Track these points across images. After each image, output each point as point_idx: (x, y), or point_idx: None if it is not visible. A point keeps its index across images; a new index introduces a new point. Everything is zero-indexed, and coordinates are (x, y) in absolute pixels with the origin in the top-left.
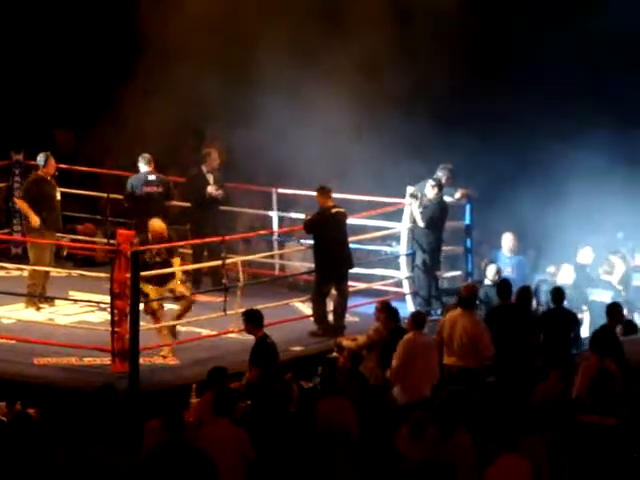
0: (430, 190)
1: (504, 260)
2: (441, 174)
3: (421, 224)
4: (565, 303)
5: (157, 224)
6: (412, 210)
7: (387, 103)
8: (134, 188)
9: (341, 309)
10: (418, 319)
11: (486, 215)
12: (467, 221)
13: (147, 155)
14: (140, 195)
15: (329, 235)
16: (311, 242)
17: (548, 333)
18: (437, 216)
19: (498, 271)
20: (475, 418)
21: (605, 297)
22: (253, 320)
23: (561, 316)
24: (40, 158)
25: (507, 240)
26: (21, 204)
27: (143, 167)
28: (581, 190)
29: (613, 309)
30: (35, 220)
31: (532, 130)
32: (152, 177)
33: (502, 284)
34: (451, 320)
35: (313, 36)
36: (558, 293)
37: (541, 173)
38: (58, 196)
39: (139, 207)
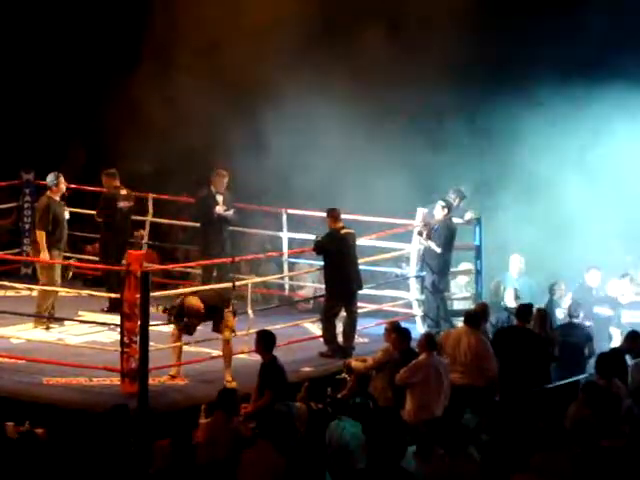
0: (439, 211)
1: (512, 282)
2: (453, 196)
3: (437, 250)
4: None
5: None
6: (422, 243)
7: (393, 123)
8: (109, 203)
9: (350, 330)
10: (431, 340)
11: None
12: (476, 242)
13: (113, 170)
14: (114, 210)
15: (339, 256)
16: (321, 263)
17: (563, 348)
18: (447, 237)
19: (517, 295)
20: (484, 437)
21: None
22: (265, 342)
23: (575, 330)
24: (51, 179)
25: (515, 262)
26: (40, 237)
27: (113, 183)
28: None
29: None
30: (46, 256)
31: (537, 150)
32: (124, 192)
33: (524, 308)
34: (455, 337)
35: (317, 57)
36: (572, 307)
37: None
38: (67, 215)
39: (113, 223)
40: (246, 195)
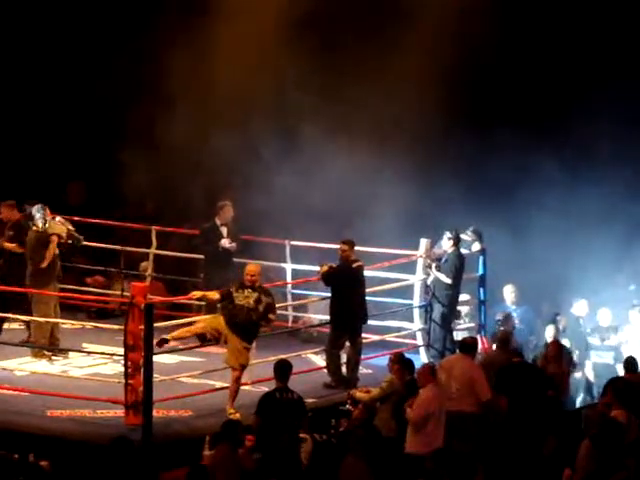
0: (447, 243)
1: (511, 312)
2: (471, 235)
3: (448, 281)
4: None
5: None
6: (432, 274)
7: (397, 154)
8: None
9: (355, 361)
10: (433, 371)
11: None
12: (481, 271)
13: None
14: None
15: (348, 288)
16: (325, 294)
17: None
18: (457, 269)
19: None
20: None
21: None
22: (275, 372)
23: None
24: (37, 213)
25: (508, 292)
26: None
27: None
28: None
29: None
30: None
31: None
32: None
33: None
34: (448, 364)
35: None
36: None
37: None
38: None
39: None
40: (249, 226)
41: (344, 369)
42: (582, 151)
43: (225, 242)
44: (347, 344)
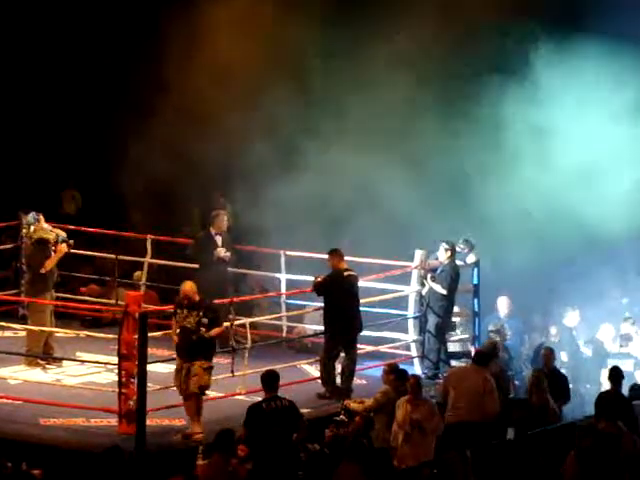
0: (443, 254)
1: (503, 324)
2: (463, 246)
3: (443, 292)
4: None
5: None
6: (428, 285)
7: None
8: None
9: (349, 372)
10: (420, 384)
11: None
12: (475, 282)
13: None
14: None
15: (341, 298)
16: (319, 304)
17: None
18: (452, 279)
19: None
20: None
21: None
22: (262, 382)
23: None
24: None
25: (503, 304)
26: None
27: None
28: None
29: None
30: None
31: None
32: None
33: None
34: (460, 374)
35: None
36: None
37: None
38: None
39: None
40: (244, 236)
41: (338, 380)
42: None
43: (220, 251)
44: (342, 354)
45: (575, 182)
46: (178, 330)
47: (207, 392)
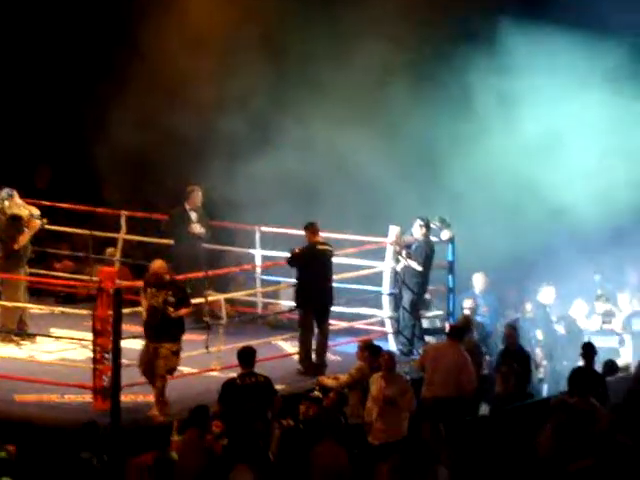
0: (418, 230)
1: (478, 300)
2: (439, 224)
3: (418, 268)
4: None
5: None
6: (402, 262)
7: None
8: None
9: (322, 348)
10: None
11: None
12: (450, 258)
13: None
14: None
15: (313, 271)
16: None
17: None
18: (427, 255)
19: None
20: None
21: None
22: (239, 358)
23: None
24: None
25: (478, 280)
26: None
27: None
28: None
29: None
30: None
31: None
32: None
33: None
34: (437, 350)
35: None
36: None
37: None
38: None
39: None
40: (220, 211)
41: (314, 356)
42: None
43: (195, 227)
44: (315, 330)
45: (541, 152)
46: (146, 308)
47: (182, 368)
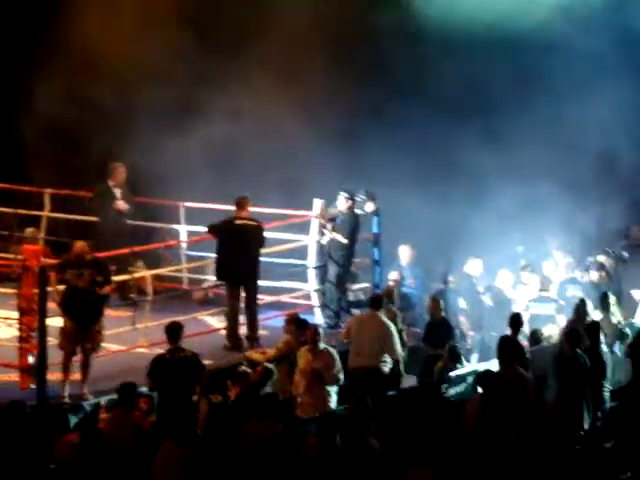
0: (343, 202)
1: (404, 272)
2: (364, 197)
3: (344, 241)
4: None
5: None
6: (328, 235)
7: (293, 115)
8: None
9: (251, 322)
10: (319, 333)
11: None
12: (375, 231)
13: None
14: None
15: (229, 244)
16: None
17: None
18: (353, 228)
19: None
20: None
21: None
22: (166, 333)
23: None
24: None
25: (404, 252)
26: None
27: None
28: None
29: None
30: None
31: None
32: None
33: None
34: (360, 322)
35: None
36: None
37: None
38: None
39: None
40: (144, 187)
41: (242, 331)
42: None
43: (120, 204)
44: (242, 305)
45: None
46: (63, 287)
47: (109, 345)
